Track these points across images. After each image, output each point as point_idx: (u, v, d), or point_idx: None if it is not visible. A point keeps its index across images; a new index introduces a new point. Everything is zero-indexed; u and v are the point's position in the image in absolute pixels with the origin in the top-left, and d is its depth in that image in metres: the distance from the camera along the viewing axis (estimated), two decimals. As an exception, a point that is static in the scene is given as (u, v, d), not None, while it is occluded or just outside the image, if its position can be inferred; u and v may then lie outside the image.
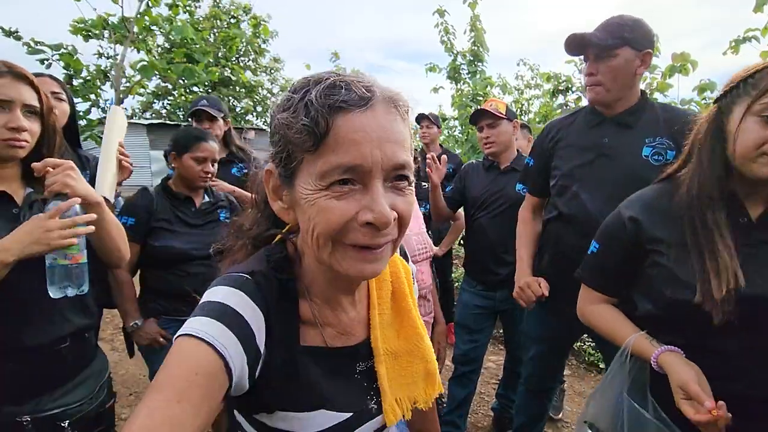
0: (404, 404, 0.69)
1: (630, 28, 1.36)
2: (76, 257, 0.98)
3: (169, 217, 1.71)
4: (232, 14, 15.38)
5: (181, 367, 0.48)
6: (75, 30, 4.34)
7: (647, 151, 1.37)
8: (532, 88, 6.96)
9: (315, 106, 0.49)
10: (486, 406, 2.69)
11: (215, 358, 0.49)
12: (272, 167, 0.58)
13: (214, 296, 0.55)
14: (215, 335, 0.50)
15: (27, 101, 0.99)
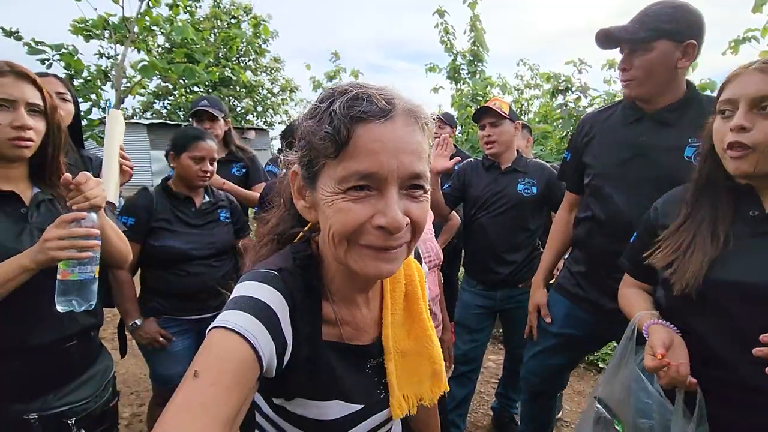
0: (411, 400, 0.73)
1: (669, 17, 1.24)
2: (64, 273, 0.96)
3: (169, 217, 1.71)
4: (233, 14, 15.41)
5: (214, 355, 0.52)
6: (75, 30, 4.34)
7: (690, 152, 1.26)
8: (531, 88, 6.96)
9: (338, 115, 0.53)
10: (486, 405, 2.70)
11: (246, 347, 0.52)
12: (298, 169, 0.62)
13: (245, 291, 0.59)
14: (245, 326, 0.53)
15: (30, 100, 1.00)
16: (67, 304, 0.97)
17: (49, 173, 1.11)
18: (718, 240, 0.91)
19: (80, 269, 0.97)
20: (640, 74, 1.29)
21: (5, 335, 0.97)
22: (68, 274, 0.96)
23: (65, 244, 0.93)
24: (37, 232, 1.01)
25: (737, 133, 0.85)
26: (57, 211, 1.09)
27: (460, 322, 2.22)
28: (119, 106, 4.64)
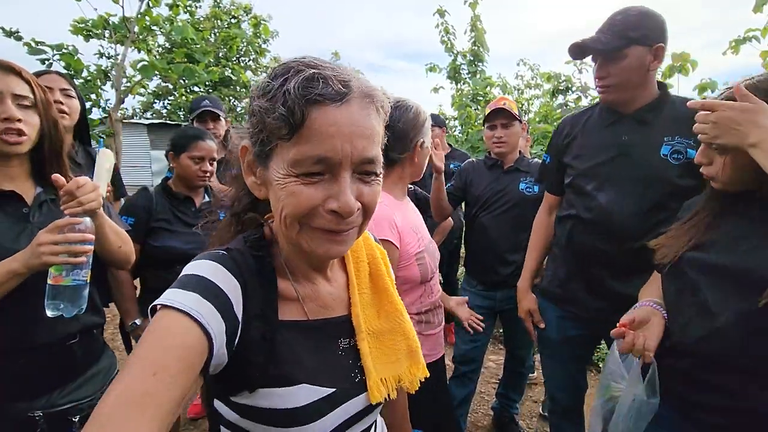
0: (389, 383, 0.70)
1: (635, 24, 1.31)
2: (56, 278, 0.94)
3: (169, 217, 1.71)
4: (233, 14, 15.36)
5: (157, 339, 0.49)
6: (76, 30, 4.35)
7: (665, 150, 1.33)
8: (532, 88, 6.97)
9: (292, 96, 0.51)
10: (486, 405, 2.69)
11: (192, 325, 0.50)
12: (248, 144, 0.60)
13: (191, 270, 0.57)
14: (190, 304, 0.51)
15: (16, 92, 0.98)
16: (56, 309, 0.95)
17: (51, 171, 1.08)
18: (703, 228, 0.99)
19: (73, 274, 0.95)
20: (617, 81, 1.35)
21: (9, 334, 0.97)
22: (60, 279, 0.94)
23: (59, 249, 0.91)
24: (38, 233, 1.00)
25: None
26: (60, 211, 1.07)
27: (460, 322, 2.22)
28: (119, 105, 4.64)
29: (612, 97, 1.39)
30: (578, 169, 1.49)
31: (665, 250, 1.03)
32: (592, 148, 1.47)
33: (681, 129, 1.31)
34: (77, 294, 0.98)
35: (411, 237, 1.29)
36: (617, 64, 1.33)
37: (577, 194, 1.49)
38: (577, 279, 1.51)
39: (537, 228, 1.75)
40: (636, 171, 1.35)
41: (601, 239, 1.40)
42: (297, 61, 0.56)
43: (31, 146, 1.03)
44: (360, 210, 0.57)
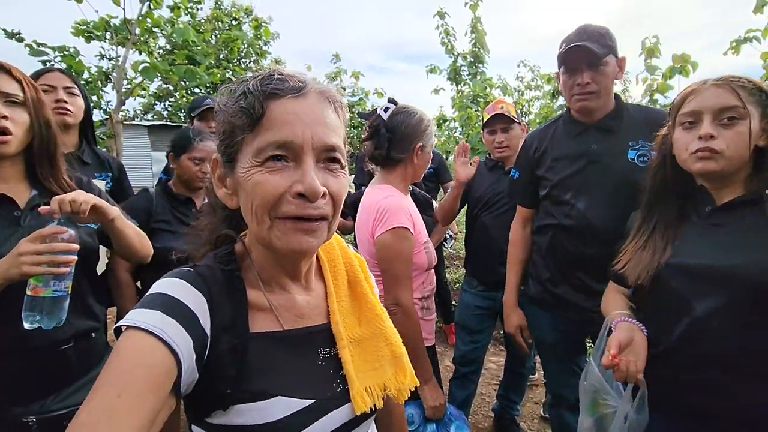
0: (375, 392, 0.68)
1: (608, 36, 1.40)
2: (36, 289, 0.89)
3: (169, 218, 1.71)
4: (234, 16, 15.42)
5: (121, 360, 0.49)
6: (77, 32, 4.35)
7: (632, 154, 1.41)
8: (532, 90, 6.98)
9: (252, 92, 0.57)
10: (487, 407, 2.69)
11: (156, 344, 0.50)
12: (218, 156, 0.63)
13: (155, 289, 0.58)
14: (153, 322, 0.51)
15: (4, 89, 0.96)
16: (34, 321, 0.91)
17: (43, 173, 1.06)
18: (668, 239, 1.05)
19: (54, 285, 0.91)
20: (600, 87, 1.41)
21: (2, 336, 0.96)
22: (41, 290, 0.90)
23: (42, 259, 0.87)
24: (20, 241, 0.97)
25: (706, 141, 0.96)
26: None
27: (461, 323, 2.22)
28: (120, 107, 4.65)
29: (592, 103, 1.46)
30: (553, 180, 1.55)
31: (637, 268, 1.07)
32: (563, 159, 1.54)
33: (643, 133, 1.40)
34: (57, 306, 0.93)
35: (420, 226, 1.42)
36: (600, 70, 1.39)
37: (555, 204, 1.55)
38: (563, 284, 1.56)
39: (514, 242, 1.79)
40: (608, 177, 1.43)
41: (583, 244, 1.47)
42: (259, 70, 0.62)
43: (19, 146, 1.00)
44: (329, 200, 0.58)
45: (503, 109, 2.08)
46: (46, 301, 0.91)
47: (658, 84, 3.81)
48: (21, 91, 0.99)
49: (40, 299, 0.90)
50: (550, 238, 1.59)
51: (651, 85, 3.87)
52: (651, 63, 3.83)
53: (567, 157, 1.52)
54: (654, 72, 3.83)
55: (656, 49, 3.79)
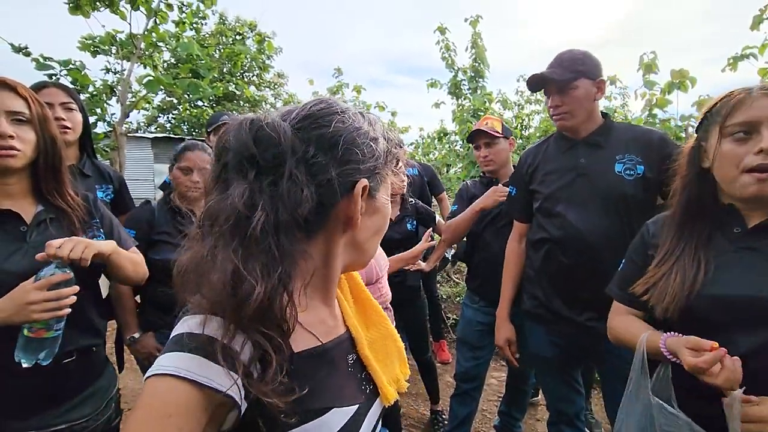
0: (392, 386, 0.72)
1: (581, 61, 1.51)
2: (39, 332, 0.92)
3: (170, 230, 1.71)
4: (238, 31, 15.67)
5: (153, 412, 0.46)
6: (84, 46, 4.42)
7: (619, 167, 1.48)
8: (532, 104, 7.02)
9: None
10: (488, 423, 2.65)
11: (195, 392, 0.48)
12: (366, 182, 0.60)
13: (184, 328, 0.53)
14: (193, 369, 0.48)
15: (11, 108, 0.97)
16: (34, 360, 0.92)
17: (49, 188, 1.07)
18: (699, 263, 0.94)
19: (56, 326, 0.94)
20: (571, 108, 1.52)
21: (3, 353, 0.94)
22: (43, 332, 0.92)
23: (52, 306, 0.89)
24: (34, 252, 0.97)
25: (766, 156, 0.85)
26: (60, 230, 1.06)
27: (463, 339, 2.20)
28: (124, 119, 4.69)
29: (569, 123, 1.55)
30: (544, 193, 1.62)
31: (663, 298, 0.95)
32: (553, 173, 1.62)
33: (629, 148, 1.48)
34: (56, 343, 0.96)
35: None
36: (569, 94, 1.50)
37: (546, 216, 1.61)
38: (556, 297, 1.58)
39: (510, 257, 1.83)
40: (596, 189, 1.49)
41: (574, 255, 1.51)
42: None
43: (26, 162, 1.01)
44: None
45: (487, 125, 2.13)
46: (48, 342, 0.93)
47: (657, 99, 3.84)
48: (27, 109, 1.00)
49: (42, 340, 0.92)
50: (542, 251, 1.62)
51: (650, 100, 3.90)
52: (649, 78, 3.87)
53: (557, 171, 1.60)
54: (652, 87, 3.87)
55: (654, 64, 3.83)
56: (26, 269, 0.95)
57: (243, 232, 0.50)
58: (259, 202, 0.51)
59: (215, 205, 0.53)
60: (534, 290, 1.67)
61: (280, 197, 0.52)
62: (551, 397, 1.80)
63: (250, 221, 0.50)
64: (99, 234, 1.18)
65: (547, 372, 1.75)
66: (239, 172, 0.54)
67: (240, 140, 0.54)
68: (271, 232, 0.51)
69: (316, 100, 0.60)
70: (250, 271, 0.49)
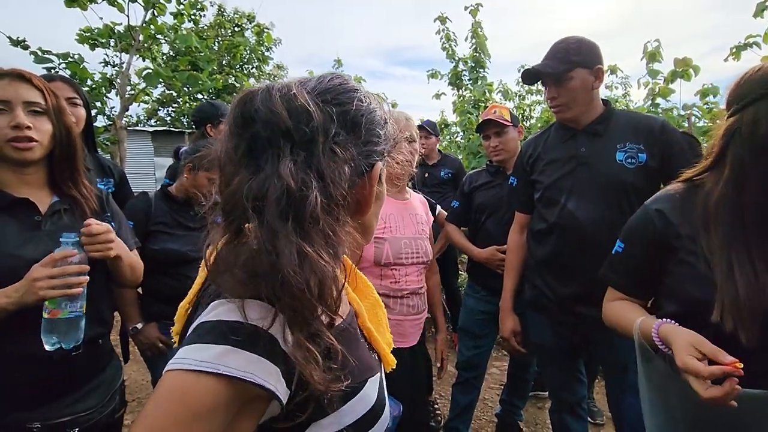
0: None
1: (576, 50, 1.48)
2: (53, 312, 0.91)
3: (168, 220, 1.72)
4: (236, 23, 15.54)
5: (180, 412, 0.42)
6: (82, 39, 4.39)
7: (620, 156, 1.46)
8: (533, 94, 6.99)
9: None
10: (490, 412, 2.67)
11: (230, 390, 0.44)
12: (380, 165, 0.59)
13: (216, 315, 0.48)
14: (231, 364, 0.44)
15: (27, 99, 0.97)
16: (55, 343, 0.93)
17: (63, 179, 1.08)
18: (753, 263, 0.82)
19: (70, 307, 0.93)
20: (568, 100, 1.51)
21: (10, 344, 0.96)
22: (58, 312, 0.91)
23: (57, 282, 0.89)
24: (48, 241, 0.99)
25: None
26: (74, 220, 1.07)
27: (464, 328, 2.21)
28: (124, 113, 4.68)
29: (567, 115, 1.54)
30: (545, 183, 1.62)
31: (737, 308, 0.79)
32: (554, 162, 1.60)
33: (630, 136, 1.46)
34: (75, 326, 0.95)
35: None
36: (565, 85, 1.49)
37: (547, 206, 1.61)
38: (558, 287, 1.58)
39: (512, 247, 1.82)
40: (596, 178, 1.48)
41: (574, 244, 1.50)
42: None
43: (43, 153, 1.02)
44: None
45: (496, 113, 2.11)
46: (62, 322, 0.93)
47: (660, 88, 3.81)
48: (43, 100, 1.00)
49: (57, 321, 0.92)
50: (542, 241, 1.62)
51: (653, 89, 3.87)
52: (653, 67, 3.84)
53: (558, 161, 1.59)
54: (656, 76, 3.84)
55: (658, 53, 3.80)
56: (40, 257, 0.95)
57: (299, 211, 0.46)
58: (310, 179, 0.47)
59: (257, 183, 0.47)
60: (535, 280, 1.68)
61: (324, 174, 0.48)
62: (553, 385, 1.82)
63: (306, 199, 0.46)
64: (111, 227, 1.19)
65: (549, 361, 1.77)
66: (273, 146, 0.49)
67: (273, 111, 0.48)
68: (326, 212, 0.48)
69: (332, 74, 0.57)
70: (315, 251, 0.46)
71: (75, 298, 0.93)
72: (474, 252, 2.13)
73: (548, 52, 1.55)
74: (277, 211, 0.46)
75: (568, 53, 1.49)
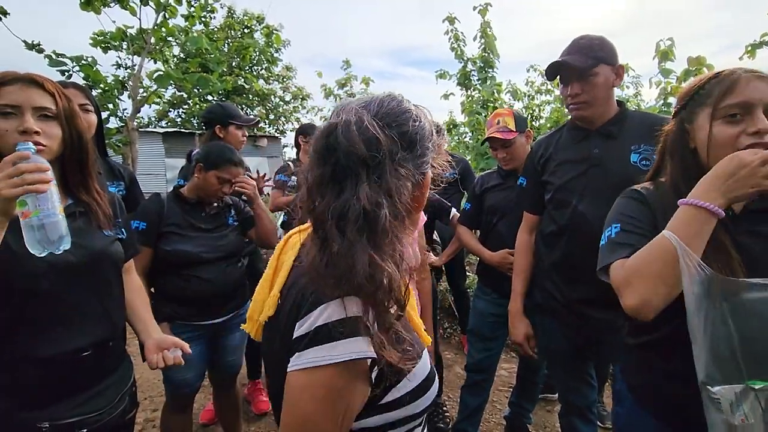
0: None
1: (599, 46, 1.45)
2: (25, 213, 0.89)
3: (180, 221, 1.74)
4: (246, 24, 15.68)
5: (327, 397, 0.58)
6: (95, 42, 4.47)
7: (635, 158, 1.44)
8: (543, 94, 6.93)
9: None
10: (498, 414, 2.66)
11: (355, 368, 0.58)
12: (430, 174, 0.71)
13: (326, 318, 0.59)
14: (350, 349, 0.57)
15: (37, 104, 0.98)
16: (39, 247, 0.91)
17: (75, 182, 1.08)
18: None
19: (40, 206, 0.89)
20: (590, 97, 1.46)
21: (19, 345, 0.96)
22: (28, 213, 0.89)
23: (16, 181, 0.85)
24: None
25: (762, 137, 0.84)
26: (88, 223, 1.08)
27: (474, 330, 2.20)
28: (135, 115, 4.75)
29: (587, 113, 1.49)
30: (556, 184, 1.59)
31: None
32: (566, 163, 1.58)
33: (645, 137, 1.41)
34: (52, 228, 0.92)
35: None
36: (589, 81, 1.45)
37: (558, 207, 1.58)
38: (568, 290, 1.56)
39: (521, 249, 1.79)
40: (609, 180, 1.44)
41: (584, 247, 1.46)
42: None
43: (52, 157, 1.02)
44: None
45: (500, 125, 2.07)
46: (34, 221, 0.90)
47: (672, 87, 3.76)
48: (54, 104, 1.01)
49: (30, 221, 0.89)
50: (552, 243, 1.60)
51: (665, 89, 3.82)
52: (665, 66, 3.79)
53: (570, 162, 1.56)
54: (668, 75, 3.78)
55: (671, 51, 3.74)
56: (56, 258, 0.96)
57: (373, 227, 0.58)
58: (381, 199, 0.58)
59: (340, 204, 0.59)
60: (545, 283, 1.66)
61: (392, 193, 0.60)
62: (562, 389, 1.80)
63: (378, 218, 0.58)
64: (121, 233, 1.21)
65: (559, 364, 1.75)
66: (352, 171, 0.59)
67: (352, 142, 0.59)
68: (393, 224, 0.59)
69: (387, 97, 0.67)
70: (382, 259, 0.58)
71: (43, 197, 0.90)
72: (486, 255, 2.12)
73: (569, 47, 1.50)
74: (355, 228, 0.57)
75: (592, 48, 1.45)
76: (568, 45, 1.51)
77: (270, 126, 17.86)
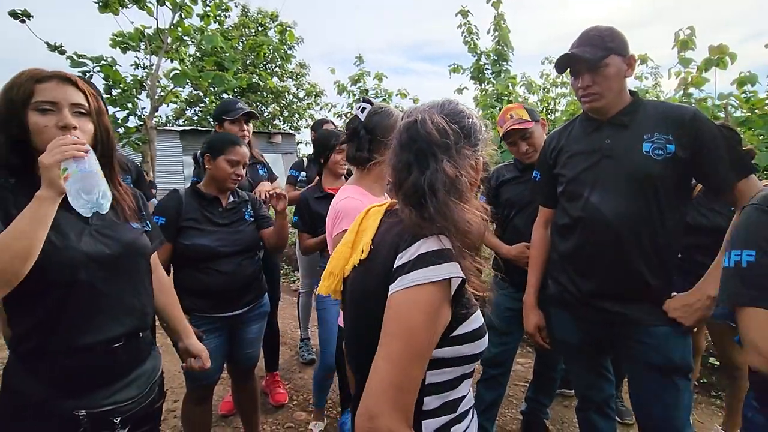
0: None
1: (610, 37, 1.45)
2: (66, 176, 0.96)
3: (198, 216, 1.78)
4: (260, 22, 15.79)
5: (428, 310, 0.71)
6: (114, 43, 4.57)
7: (647, 147, 1.42)
8: (558, 87, 6.82)
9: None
10: (515, 409, 2.65)
11: (448, 286, 0.73)
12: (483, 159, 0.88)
13: (425, 248, 0.75)
14: (446, 270, 0.73)
15: (73, 101, 1.03)
16: (85, 206, 0.98)
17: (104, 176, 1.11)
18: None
19: (78, 165, 0.97)
20: (602, 88, 1.45)
21: (60, 335, 1.00)
22: (69, 175, 0.97)
23: (57, 150, 0.94)
24: (96, 235, 1.04)
25: None
26: (116, 215, 1.12)
27: (490, 324, 2.17)
28: (154, 113, 4.84)
29: (599, 104, 1.48)
30: (568, 176, 1.57)
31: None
32: (578, 155, 1.57)
33: (658, 126, 1.41)
34: (90, 182, 0.99)
35: None
36: (601, 72, 1.44)
37: (570, 199, 1.56)
38: (582, 283, 1.54)
39: (536, 242, 1.79)
40: (622, 170, 1.44)
41: (599, 239, 1.46)
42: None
43: None
44: None
45: (513, 118, 2.03)
46: (76, 177, 0.97)
47: (693, 77, 3.65)
48: (86, 101, 1.06)
49: (72, 178, 0.97)
50: (566, 235, 1.59)
51: (685, 79, 3.71)
52: (685, 55, 3.68)
53: (582, 153, 1.55)
54: (688, 65, 3.68)
55: (691, 41, 3.64)
56: (93, 250, 1.02)
57: (458, 190, 0.78)
58: (460, 172, 0.78)
59: (429, 175, 0.78)
60: (559, 275, 1.64)
61: (460, 167, 0.79)
62: (579, 383, 1.78)
63: (461, 182, 0.78)
64: (147, 225, 1.25)
65: (574, 358, 1.73)
66: (431, 153, 0.79)
67: (430, 133, 0.79)
68: (469, 189, 0.80)
69: (447, 100, 0.87)
70: (471, 213, 0.77)
71: (81, 160, 0.98)
72: (503, 249, 2.10)
73: (579, 39, 1.49)
74: (445, 190, 0.77)
75: (602, 39, 1.44)
76: (577, 37, 1.50)
77: (284, 123, 18.00)
